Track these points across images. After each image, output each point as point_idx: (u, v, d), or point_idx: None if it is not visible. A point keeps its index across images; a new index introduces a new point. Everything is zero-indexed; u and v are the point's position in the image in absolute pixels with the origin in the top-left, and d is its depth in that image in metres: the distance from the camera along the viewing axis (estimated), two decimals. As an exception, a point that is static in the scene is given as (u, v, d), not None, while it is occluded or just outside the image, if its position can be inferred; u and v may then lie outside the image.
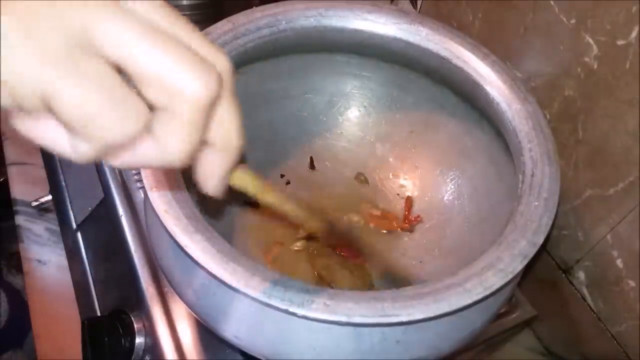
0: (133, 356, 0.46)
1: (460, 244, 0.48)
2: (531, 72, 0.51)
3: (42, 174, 0.68)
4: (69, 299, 0.57)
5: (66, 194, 0.62)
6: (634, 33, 0.40)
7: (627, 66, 0.42)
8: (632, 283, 0.46)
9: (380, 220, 0.53)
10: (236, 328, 0.36)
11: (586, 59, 0.45)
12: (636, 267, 0.45)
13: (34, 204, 0.64)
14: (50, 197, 0.64)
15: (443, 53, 0.46)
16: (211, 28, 0.44)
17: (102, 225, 0.55)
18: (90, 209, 0.57)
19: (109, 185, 0.54)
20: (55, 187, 0.65)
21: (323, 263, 0.49)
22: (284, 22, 0.46)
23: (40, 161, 0.69)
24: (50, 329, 0.56)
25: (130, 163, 0.20)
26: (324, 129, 0.56)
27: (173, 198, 0.34)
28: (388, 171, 0.56)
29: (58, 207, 0.63)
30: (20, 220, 0.66)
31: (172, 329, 0.46)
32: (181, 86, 0.18)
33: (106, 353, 0.45)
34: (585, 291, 0.51)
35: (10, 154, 0.72)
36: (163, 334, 0.45)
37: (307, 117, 0.56)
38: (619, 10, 0.41)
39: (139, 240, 0.51)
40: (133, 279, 0.49)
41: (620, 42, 0.42)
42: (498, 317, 0.47)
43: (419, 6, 0.66)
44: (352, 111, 0.56)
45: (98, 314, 0.53)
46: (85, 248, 0.59)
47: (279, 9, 0.47)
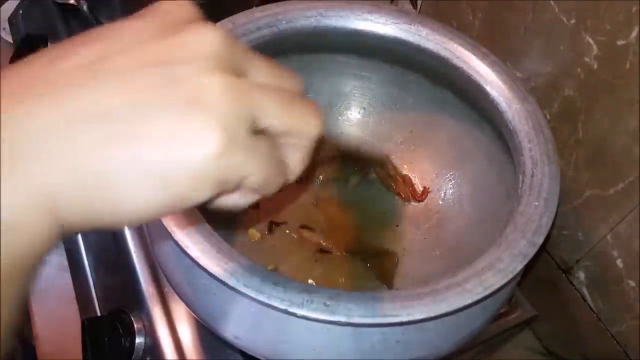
0: (133, 356, 0.46)
1: (460, 244, 0.48)
2: (531, 72, 0.51)
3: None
4: (69, 299, 0.57)
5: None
6: (634, 33, 0.40)
7: (627, 66, 0.42)
8: (632, 283, 0.46)
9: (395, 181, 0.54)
10: (236, 328, 0.36)
11: (586, 59, 0.45)
12: (636, 267, 0.45)
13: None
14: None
15: (443, 53, 0.46)
16: (211, 28, 0.44)
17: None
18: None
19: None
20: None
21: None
22: (284, 22, 0.46)
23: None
24: (50, 329, 0.56)
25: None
26: (324, 129, 0.56)
27: (173, 198, 0.34)
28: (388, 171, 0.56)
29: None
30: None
31: (172, 329, 0.46)
32: (308, 130, 0.23)
33: (106, 353, 0.45)
34: (585, 291, 0.51)
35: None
36: (163, 334, 0.45)
37: (307, 117, 0.56)
38: (619, 10, 0.41)
39: (139, 240, 0.51)
40: (133, 279, 0.49)
41: (620, 42, 0.42)
42: (498, 317, 0.47)
43: (419, 6, 0.66)
44: (352, 111, 0.56)
45: (98, 314, 0.53)
46: (85, 248, 0.59)
47: (279, 9, 0.47)
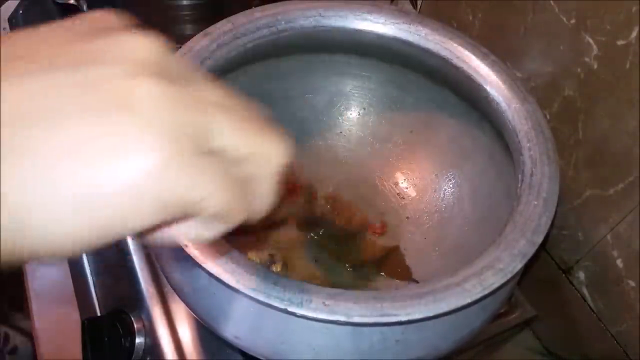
0: (133, 356, 0.46)
1: (460, 244, 0.48)
2: (531, 72, 0.51)
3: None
4: (69, 299, 0.57)
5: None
6: (634, 33, 0.40)
7: (627, 66, 0.42)
8: (632, 283, 0.46)
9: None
10: (236, 328, 0.36)
11: (586, 59, 0.45)
12: (636, 267, 0.45)
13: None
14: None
15: (443, 53, 0.46)
16: (211, 28, 0.44)
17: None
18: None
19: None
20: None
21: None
22: (284, 22, 0.46)
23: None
24: (50, 329, 0.56)
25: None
26: (324, 129, 0.57)
27: (173, 198, 0.34)
28: (388, 171, 0.56)
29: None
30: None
31: (172, 329, 0.46)
32: (272, 156, 0.20)
33: (106, 353, 0.45)
34: (585, 291, 0.51)
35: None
36: (163, 334, 0.45)
37: (308, 118, 0.56)
38: (619, 10, 0.41)
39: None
40: (133, 279, 0.49)
41: (620, 42, 0.42)
42: (498, 317, 0.47)
43: (419, 6, 0.66)
44: (352, 111, 0.56)
45: (98, 314, 0.53)
46: (85, 248, 0.59)
47: (279, 9, 0.47)
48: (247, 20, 0.45)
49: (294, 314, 0.31)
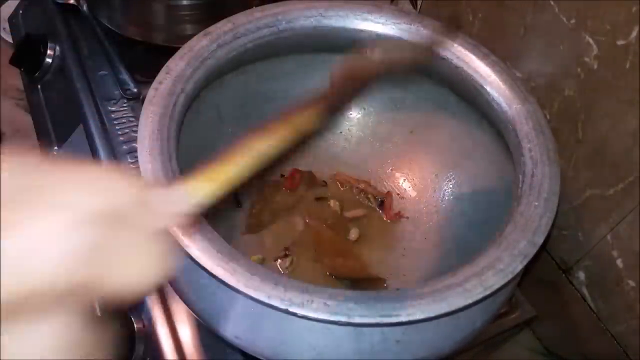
0: (133, 356, 0.46)
1: (460, 244, 0.48)
2: (531, 72, 0.51)
3: (42, 174, 0.68)
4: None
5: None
6: (634, 33, 0.40)
7: (627, 66, 0.42)
8: (632, 283, 0.46)
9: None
10: (236, 328, 0.36)
11: (586, 59, 0.45)
12: (636, 267, 0.45)
13: (34, 204, 0.64)
14: (50, 197, 0.64)
15: (443, 53, 0.46)
16: (211, 28, 0.44)
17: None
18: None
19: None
20: (55, 187, 0.64)
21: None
22: (284, 22, 0.46)
23: (40, 161, 0.69)
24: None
25: None
26: (324, 129, 0.56)
27: (173, 198, 0.34)
28: (388, 171, 0.56)
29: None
30: (20, 220, 0.66)
31: (172, 329, 0.46)
32: None
33: (106, 353, 0.45)
34: (585, 291, 0.51)
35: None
36: (163, 334, 0.45)
37: (307, 117, 0.56)
38: (619, 10, 0.41)
39: (139, 240, 0.50)
40: (133, 279, 0.49)
41: (620, 42, 0.42)
42: (498, 317, 0.47)
43: (419, 6, 0.66)
44: (352, 111, 0.56)
45: (98, 314, 0.53)
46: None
47: (279, 9, 0.47)
48: (248, 20, 0.45)
49: (295, 315, 0.31)
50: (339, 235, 0.52)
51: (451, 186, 0.52)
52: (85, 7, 0.71)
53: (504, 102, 0.43)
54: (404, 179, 0.55)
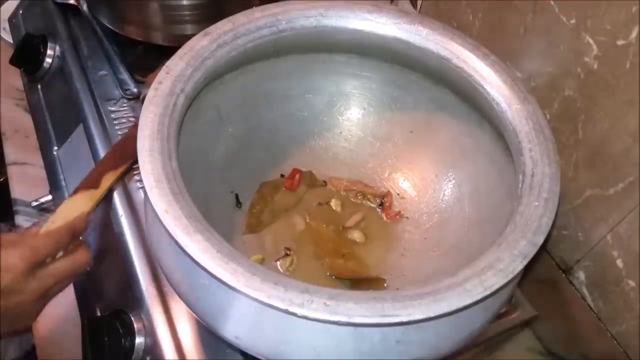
0: (133, 356, 0.46)
1: (460, 244, 0.48)
2: (531, 72, 0.51)
3: (42, 174, 0.68)
4: (69, 299, 0.57)
5: (66, 194, 0.62)
6: (634, 33, 0.40)
7: (627, 66, 0.42)
8: (632, 283, 0.46)
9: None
10: (236, 328, 0.36)
11: (586, 59, 0.45)
12: (636, 267, 0.45)
13: (34, 204, 0.64)
14: (50, 197, 0.64)
15: (443, 53, 0.46)
16: (211, 28, 0.44)
17: (102, 225, 0.55)
18: (90, 209, 0.57)
19: (109, 185, 0.54)
20: (55, 187, 0.65)
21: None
22: (284, 22, 0.46)
23: (40, 161, 0.69)
24: (50, 329, 0.56)
25: None
26: (324, 129, 0.56)
27: (173, 198, 0.34)
28: (388, 171, 0.56)
29: (58, 208, 0.63)
30: (20, 220, 0.66)
31: (172, 329, 0.46)
32: None
33: (106, 353, 0.45)
34: (585, 291, 0.51)
35: (10, 154, 0.72)
36: (163, 334, 0.45)
37: (307, 117, 0.56)
38: (619, 10, 0.41)
39: (139, 240, 0.50)
40: (133, 279, 0.49)
41: (620, 42, 0.42)
42: (498, 317, 0.47)
43: (419, 6, 0.66)
44: (352, 111, 0.56)
45: (98, 314, 0.53)
46: (85, 248, 0.59)
47: (279, 9, 0.47)
48: (248, 20, 0.45)
49: (295, 315, 0.31)
50: (339, 235, 0.52)
51: (451, 186, 0.52)
52: (85, 7, 0.71)
53: (504, 102, 0.43)
54: (404, 179, 0.55)
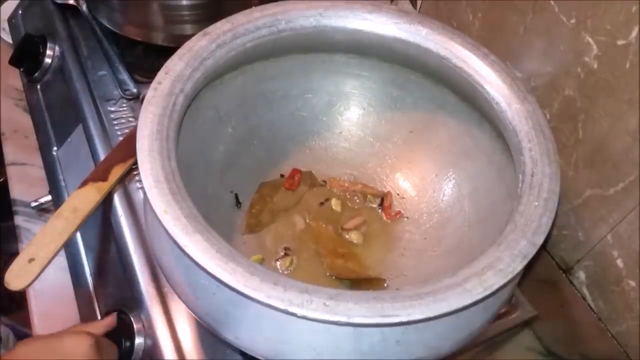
0: (133, 356, 0.46)
1: (460, 244, 0.48)
2: (531, 72, 0.51)
3: (42, 174, 0.68)
4: (69, 299, 0.57)
5: (65, 195, 0.62)
6: (634, 33, 0.40)
7: (627, 66, 0.42)
8: (632, 283, 0.46)
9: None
10: (236, 328, 0.36)
11: (586, 59, 0.45)
12: (636, 267, 0.45)
13: (33, 205, 0.64)
14: (49, 198, 0.64)
15: (443, 53, 0.46)
16: (211, 28, 0.44)
17: (102, 225, 0.55)
18: (90, 209, 0.57)
19: (109, 185, 0.54)
20: (54, 188, 0.65)
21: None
22: (284, 22, 0.46)
23: (39, 161, 0.69)
24: (50, 329, 0.56)
25: None
26: (324, 129, 0.56)
27: (172, 198, 0.34)
28: (388, 171, 0.56)
29: (57, 208, 0.63)
30: (19, 220, 0.66)
31: (172, 329, 0.46)
32: None
33: (106, 353, 0.45)
34: (585, 291, 0.51)
35: (9, 154, 0.72)
36: (163, 334, 0.45)
37: (307, 117, 0.56)
38: (619, 10, 0.41)
39: (139, 240, 0.50)
40: (133, 279, 0.49)
41: (620, 42, 0.42)
42: (498, 317, 0.47)
43: (419, 6, 0.66)
44: (352, 111, 0.56)
45: (98, 314, 0.53)
46: (85, 248, 0.59)
47: (279, 9, 0.46)
48: (247, 20, 0.45)
49: (295, 315, 0.31)
50: (339, 235, 0.52)
51: (451, 186, 0.52)
52: (84, 7, 0.71)
53: (504, 102, 0.43)
54: (404, 179, 0.55)
